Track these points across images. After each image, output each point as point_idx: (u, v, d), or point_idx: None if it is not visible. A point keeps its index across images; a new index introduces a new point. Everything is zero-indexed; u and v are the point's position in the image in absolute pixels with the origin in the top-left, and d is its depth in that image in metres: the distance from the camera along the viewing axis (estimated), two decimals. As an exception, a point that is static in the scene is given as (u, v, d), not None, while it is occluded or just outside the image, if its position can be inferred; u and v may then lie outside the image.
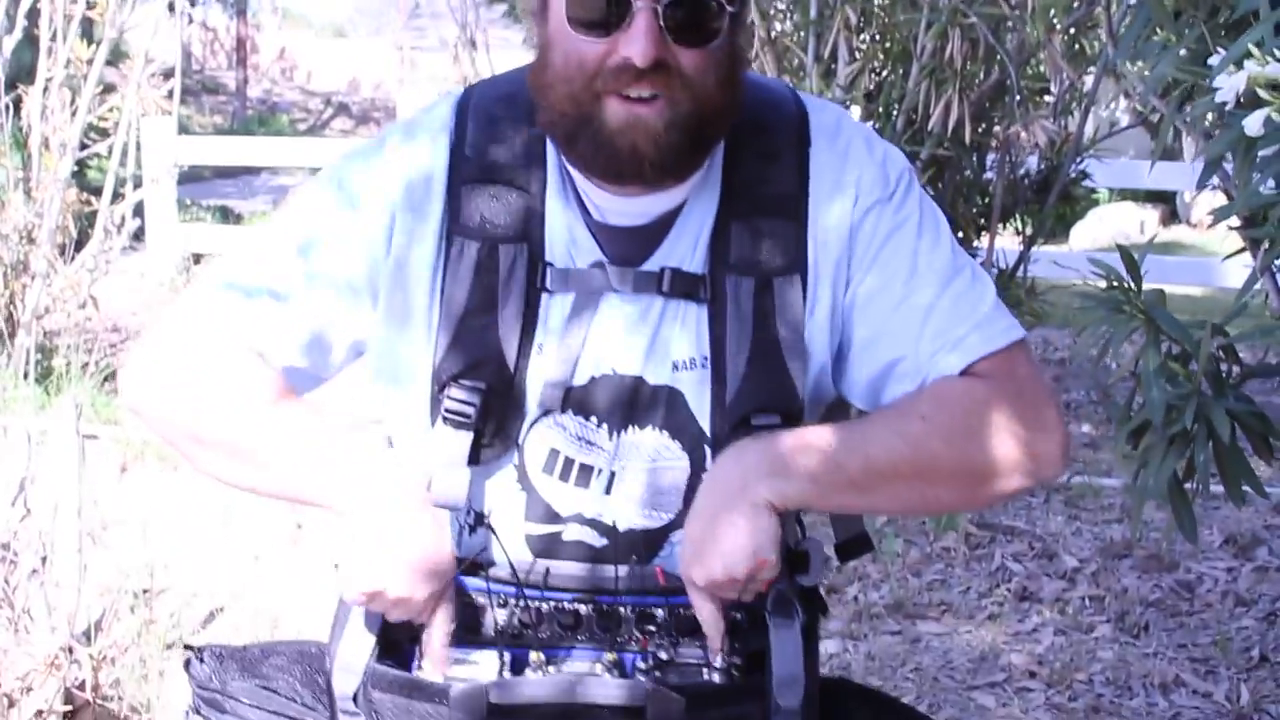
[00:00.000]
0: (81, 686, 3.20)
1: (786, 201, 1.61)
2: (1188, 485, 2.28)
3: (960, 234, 5.46)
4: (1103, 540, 4.84)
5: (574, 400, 1.60)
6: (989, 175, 5.54)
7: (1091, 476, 5.40)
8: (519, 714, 1.50)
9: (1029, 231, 5.73)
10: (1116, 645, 4.06)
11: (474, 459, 1.59)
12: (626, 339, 1.60)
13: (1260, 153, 1.93)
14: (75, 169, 6.37)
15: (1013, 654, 4.02)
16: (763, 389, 1.58)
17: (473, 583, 1.61)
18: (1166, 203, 12.92)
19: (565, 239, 1.60)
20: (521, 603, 1.61)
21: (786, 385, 1.59)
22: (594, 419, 1.60)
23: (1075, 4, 4.93)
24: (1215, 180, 2.63)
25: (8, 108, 6.64)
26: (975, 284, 1.62)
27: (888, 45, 5.21)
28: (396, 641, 1.62)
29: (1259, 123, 1.85)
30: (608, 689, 1.51)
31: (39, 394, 5.94)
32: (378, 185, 1.62)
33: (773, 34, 5.07)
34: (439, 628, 1.57)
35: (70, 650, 3.16)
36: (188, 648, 1.73)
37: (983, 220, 5.53)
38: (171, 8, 6.64)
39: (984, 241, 5.49)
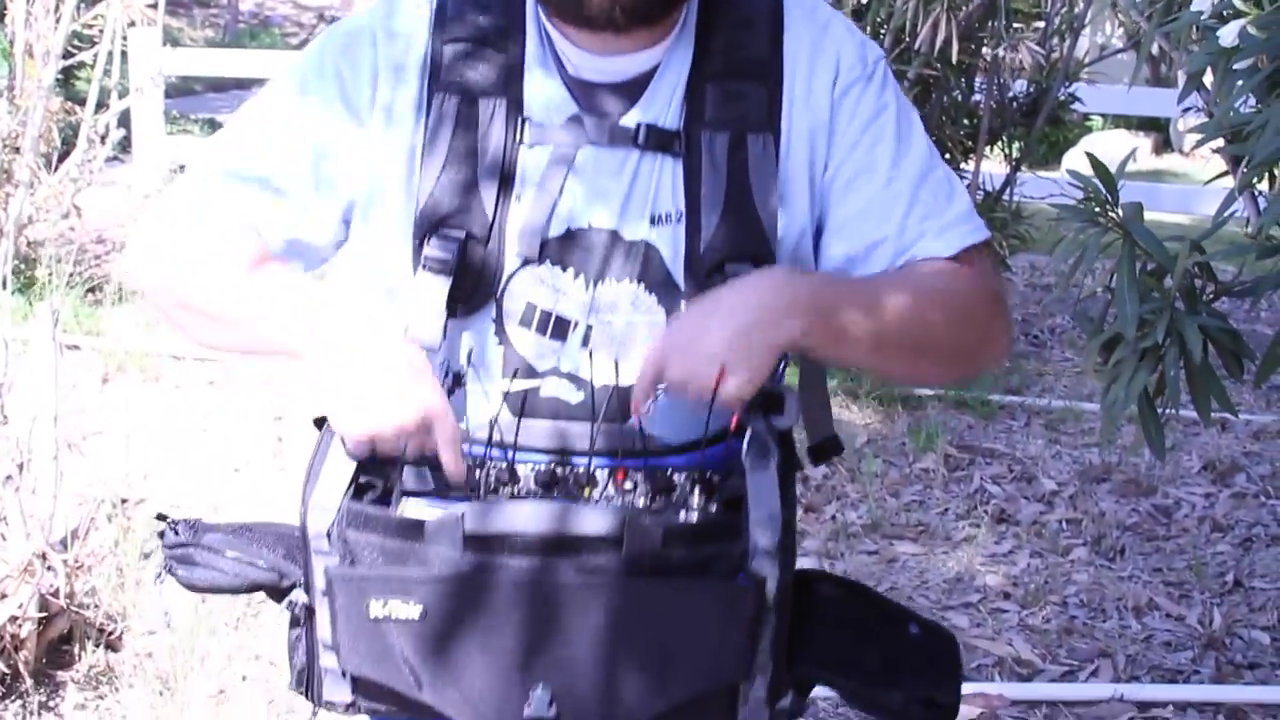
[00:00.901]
0: (56, 594, 3.20)
1: (760, 65, 1.65)
2: (1158, 404, 2.28)
3: (947, 156, 5.44)
4: (1081, 464, 4.86)
5: (550, 251, 1.62)
6: (977, 98, 5.53)
7: (1072, 401, 5.42)
8: (496, 545, 1.49)
9: (1016, 155, 5.72)
10: (1091, 568, 4.09)
11: (452, 311, 1.61)
12: (602, 192, 1.62)
13: (1236, 65, 1.92)
14: (62, 78, 6.34)
15: (988, 575, 4.04)
16: (736, 237, 1.61)
17: None
18: (1160, 131, 12.90)
19: (543, 96, 1.63)
20: (498, 463, 1.63)
21: (758, 234, 1.62)
22: (570, 271, 1.63)
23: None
24: (1199, 102, 2.61)
25: (-9, 16, 6.60)
26: (950, 179, 1.68)
27: (877, -37, 5.19)
28: (370, 484, 1.60)
29: (1234, 34, 1.84)
30: (584, 517, 1.50)
31: (22, 304, 5.92)
32: (363, 58, 1.65)
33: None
34: (445, 433, 1.54)
35: (44, 557, 3.16)
36: (160, 517, 1.72)
37: (969, 142, 5.51)
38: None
39: (971, 164, 5.48)
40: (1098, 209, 2.27)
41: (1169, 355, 2.20)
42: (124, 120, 6.79)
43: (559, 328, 1.64)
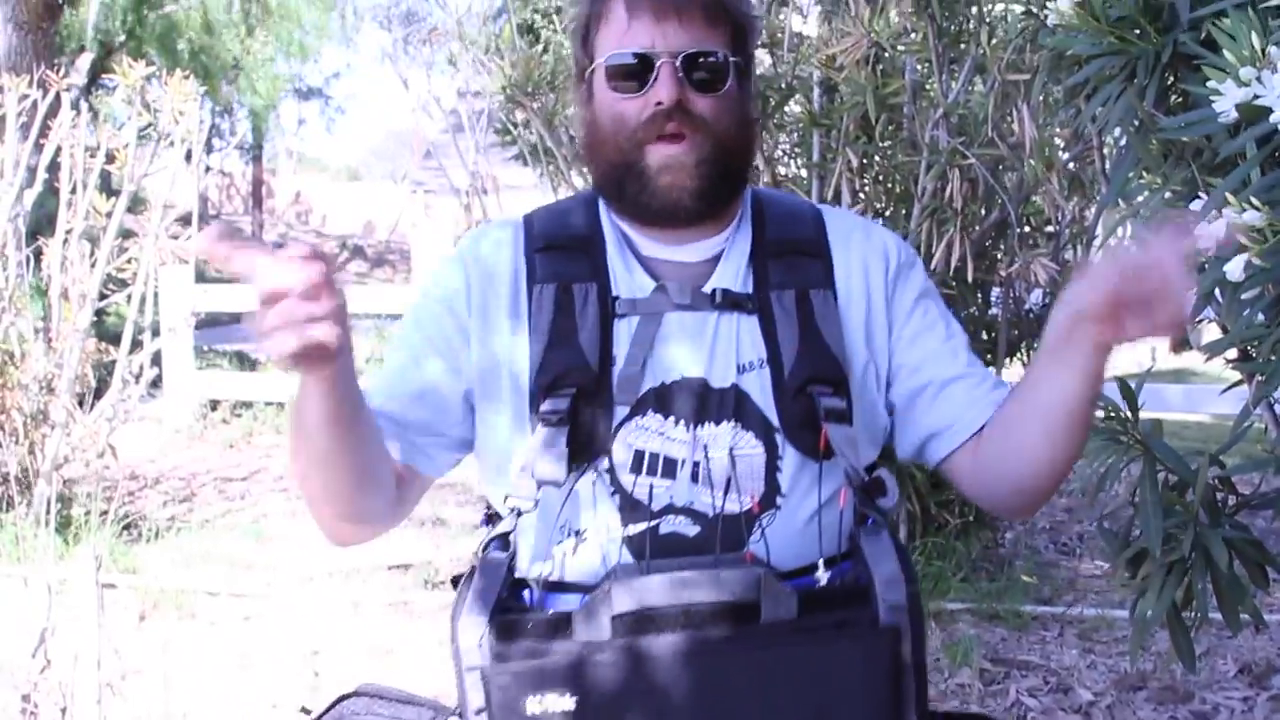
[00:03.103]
0: (101, 839, 3.20)
1: (812, 244, 1.90)
2: (1186, 615, 2.31)
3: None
4: (1117, 672, 4.82)
5: (650, 402, 1.80)
6: (994, 311, 5.60)
7: (1104, 609, 5.40)
8: (641, 625, 1.60)
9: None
10: (1134, 778, 4.05)
11: (569, 460, 1.76)
12: (689, 348, 1.82)
13: (1243, 295, 1.99)
14: (94, 318, 6.45)
15: (1031, 789, 4.00)
16: (813, 366, 1.81)
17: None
18: (1176, 330, 12.96)
19: (627, 279, 1.85)
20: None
21: (832, 362, 1.82)
22: (671, 418, 1.80)
23: (1070, 142, 5.02)
24: (1211, 312, 2.68)
25: (29, 259, 6.75)
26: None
27: (889, 186, 5.31)
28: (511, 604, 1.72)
29: (1239, 268, 1.91)
30: (722, 584, 1.61)
31: (58, 543, 5.97)
32: (455, 278, 1.89)
33: (778, 177, 5.16)
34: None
35: (89, 802, 3.17)
36: (304, 710, 1.80)
37: (989, 355, 5.57)
38: (189, 157, 6.73)
39: (991, 376, 5.53)
40: (1119, 426, 2.33)
41: (1195, 568, 2.24)
42: (155, 357, 6.90)
43: (668, 467, 1.78)
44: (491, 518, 1.93)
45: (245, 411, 9.61)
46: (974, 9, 4.99)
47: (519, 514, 1.77)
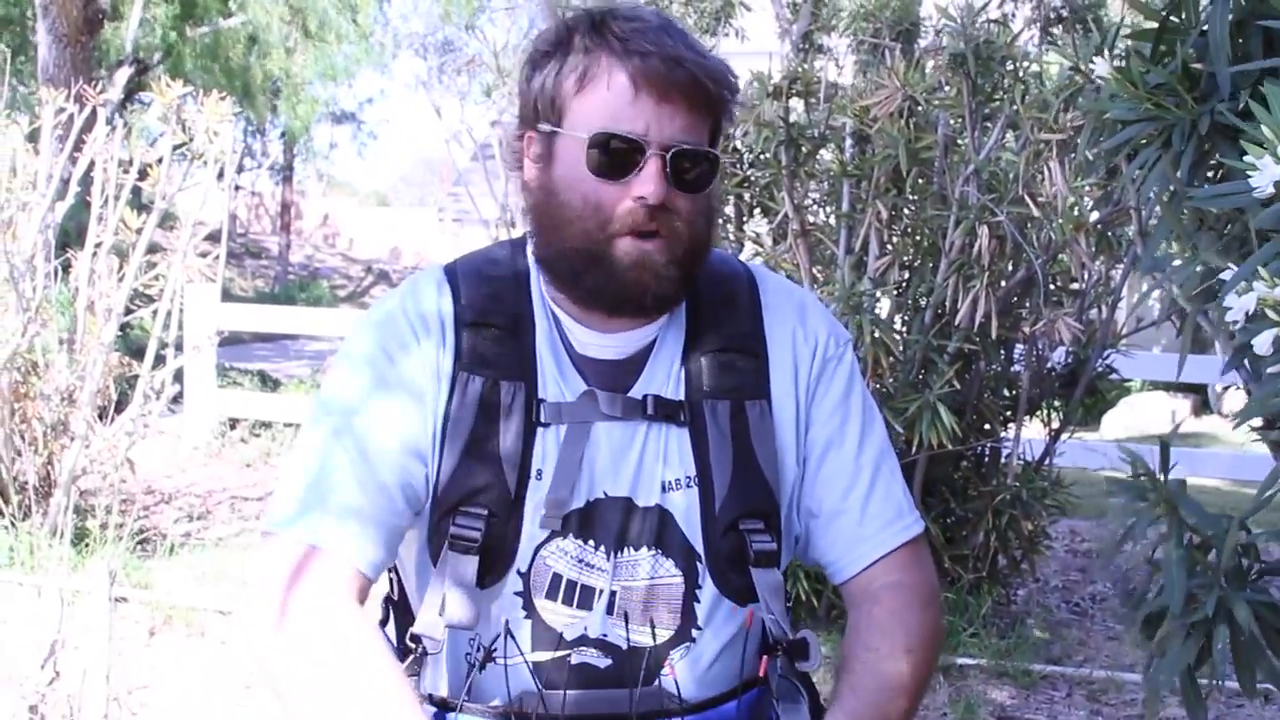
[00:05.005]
0: None
1: (747, 339, 1.82)
2: (1203, 682, 2.30)
3: (986, 426, 5.50)
4: (1125, 736, 4.81)
5: (572, 524, 1.72)
6: (1016, 368, 5.60)
7: (1113, 670, 5.38)
8: None
9: (1055, 425, 5.76)
10: (1138, 844, 4.03)
11: (480, 584, 1.69)
12: (616, 463, 1.74)
13: (1270, 370, 1.99)
14: (119, 332, 6.48)
15: None
16: (747, 497, 1.74)
17: None
18: (1198, 393, 12.96)
19: (555, 375, 1.75)
20: None
21: (765, 493, 1.75)
22: (591, 542, 1.72)
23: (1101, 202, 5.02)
24: (1240, 379, 2.67)
25: (57, 270, 6.78)
26: (896, 468, 1.88)
27: (918, 240, 5.32)
28: None
29: (1268, 343, 1.91)
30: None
31: (72, 555, 5.99)
32: (404, 330, 1.76)
33: (806, 225, 5.17)
34: None
35: (92, 817, 3.18)
36: None
37: (1009, 413, 5.57)
38: (220, 175, 6.76)
39: (1010, 432, 5.52)
40: (1148, 485, 2.32)
41: (1217, 631, 2.23)
42: (177, 374, 6.92)
43: (585, 597, 1.72)
44: (394, 602, 1.87)
45: (264, 431, 9.63)
46: (1009, 65, 5.01)
47: (425, 654, 1.70)
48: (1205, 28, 2.12)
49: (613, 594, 1.72)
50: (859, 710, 1.68)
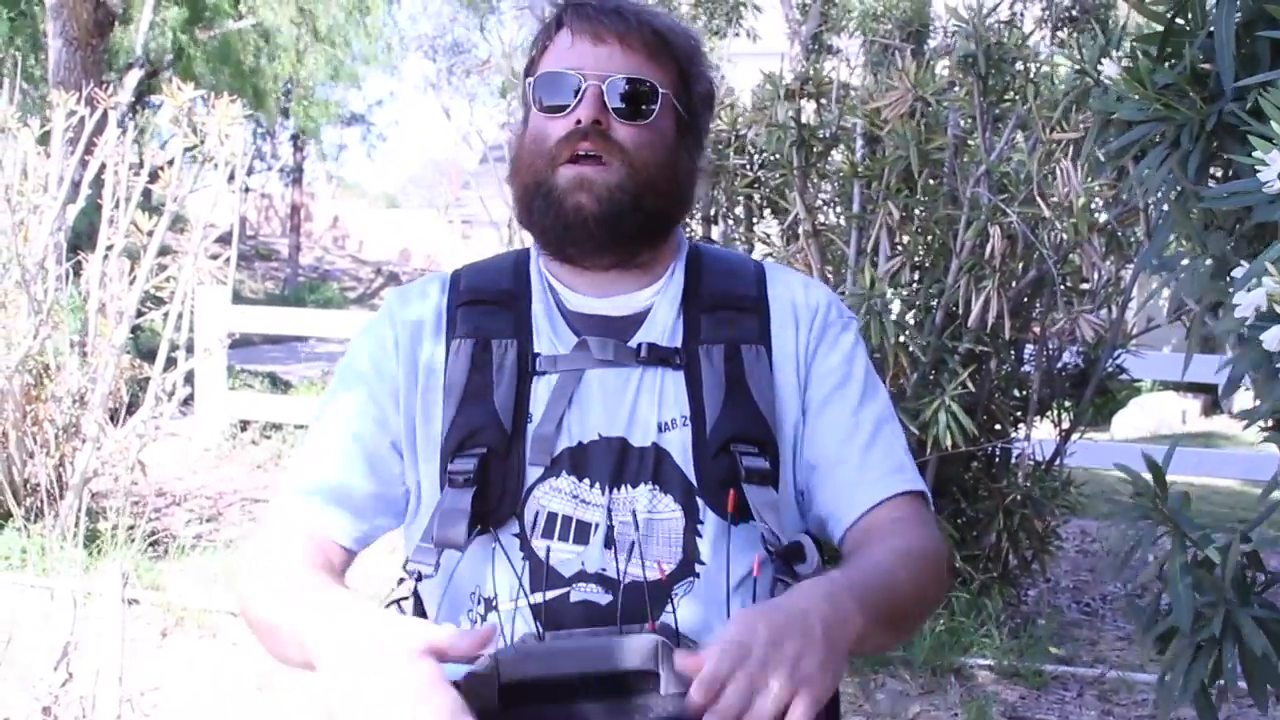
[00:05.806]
0: None
1: (748, 300, 1.84)
2: (1212, 691, 2.30)
3: (997, 425, 5.50)
4: (1136, 736, 4.81)
5: (566, 462, 1.73)
6: (1026, 369, 5.60)
7: (1124, 671, 5.38)
8: (533, 693, 1.49)
9: (1065, 425, 5.76)
10: (1149, 845, 4.02)
11: (482, 528, 1.71)
12: (610, 406, 1.75)
13: (1278, 365, 1.99)
14: (130, 334, 6.49)
15: None
16: (737, 424, 1.74)
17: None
18: (1209, 392, 12.94)
19: (550, 333, 1.80)
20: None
21: (758, 419, 1.75)
22: (586, 480, 1.73)
23: (1112, 202, 5.02)
24: (1249, 381, 2.67)
25: (68, 273, 6.80)
26: (901, 434, 1.87)
27: (929, 240, 5.32)
28: None
29: (1277, 338, 1.90)
30: (622, 651, 1.50)
31: (84, 556, 6.00)
32: (385, 333, 1.83)
33: (817, 226, 5.17)
34: None
35: (105, 817, 3.18)
36: None
37: (1019, 413, 5.56)
38: (231, 177, 6.78)
39: (1021, 433, 5.52)
40: (1150, 503, 2.32)
41: (1225, 647, 2.23)
42: (188, 377, 6.93)
43: (580, 532, 1.72)
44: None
45: (275, 433, 9.65)
46: (1019, 66, 5.01)
47: (419, 578, 1.72)
48: (1212, 29, 2.12)
49: (609, 528, 1.71)
50: (860, 574, 1.61)
